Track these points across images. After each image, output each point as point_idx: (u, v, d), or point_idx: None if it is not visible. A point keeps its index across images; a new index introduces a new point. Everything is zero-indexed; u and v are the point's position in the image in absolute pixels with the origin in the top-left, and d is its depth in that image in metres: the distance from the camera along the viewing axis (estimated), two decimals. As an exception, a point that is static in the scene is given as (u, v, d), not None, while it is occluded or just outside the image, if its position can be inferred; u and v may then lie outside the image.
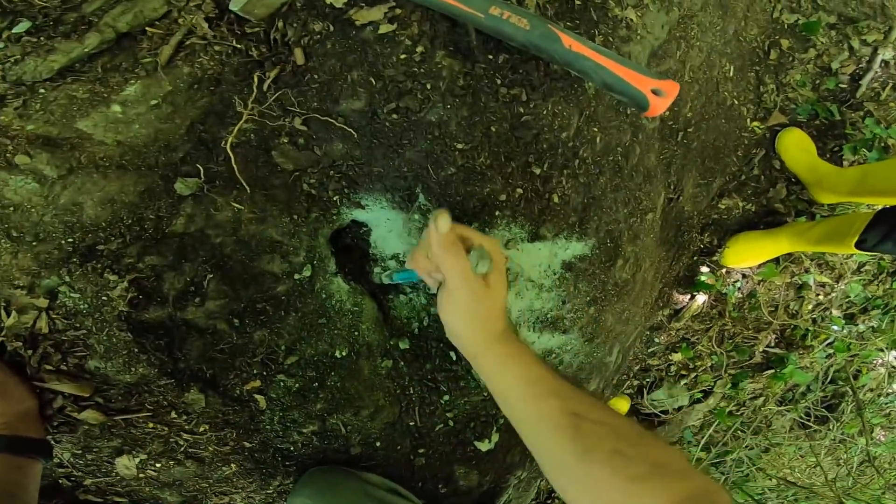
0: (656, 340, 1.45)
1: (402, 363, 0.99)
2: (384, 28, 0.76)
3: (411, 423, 1.02)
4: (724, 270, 1.40)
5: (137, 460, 0.92)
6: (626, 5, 0.79)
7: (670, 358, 1.49)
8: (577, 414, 0.57)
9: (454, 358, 0.98)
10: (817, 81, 1.29)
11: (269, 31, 0.78)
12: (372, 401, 0.97)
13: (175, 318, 0.83)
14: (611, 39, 0.80)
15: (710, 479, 0.55)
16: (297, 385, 0.93)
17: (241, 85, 0.79)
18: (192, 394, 0.88)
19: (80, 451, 0.89)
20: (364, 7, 0.76)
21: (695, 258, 1.38)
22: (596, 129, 0.84)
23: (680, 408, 1.52)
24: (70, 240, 0.74)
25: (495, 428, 1.08)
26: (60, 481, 0.93)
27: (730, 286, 1.42)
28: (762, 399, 1.58)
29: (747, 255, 1.40)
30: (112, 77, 0.69)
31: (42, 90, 0.69)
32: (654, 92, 0.66)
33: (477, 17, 0.70)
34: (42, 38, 0.69)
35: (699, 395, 1.55)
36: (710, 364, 1.49)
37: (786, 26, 1.27)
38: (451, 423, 1.04)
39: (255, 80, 0.79)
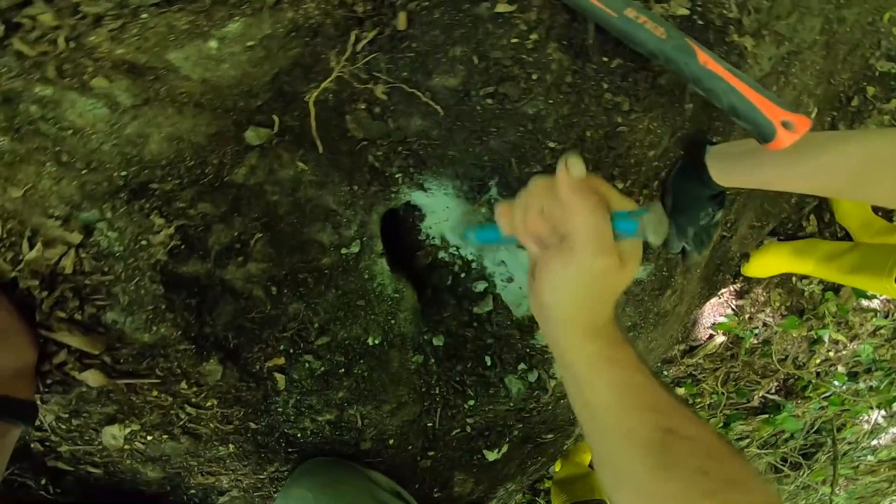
0: (665, 373, 1.50)
1: (434, 360, 0.97)
2: (502, 7, 0.74)
3: (429, 424, 1.01)
4: (746, 316, 1.46)
5: (128, 431, 0.86)
6: (744, 33, 0.81)
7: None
8: (671, 430, 0.52)
9: (489, 363, 0.98)
10: (887, 133, 1.34)
11: (377, -13, 0.75)
12: (396, 396, 0.95)
13: (213, 276, 0.79)
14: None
15: (775, 494, 0.54)
16: (322, 368, 0.89)
17: (337, 41, 0.76)
18: (210, 364, 0.83)
19: (66, 415, 0.82)
20: (489, -19, 0.74)
21: (721, 298, 1.44)
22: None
23: (670, 440, 1.56)
24: (124, 173, 0.68)
25: (508, 439, 1.09)
26: (32, 445, 0.86)
27: (748, 331, 1.49)
28: (747, 441, 1.67)
29: (770, 268, 1.39)
30: (218, 11, 0.65)
31: (145, 15, 0.64)
32: (784, 124, 0.65)
33: (609, 16, 0.69)
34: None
35: (691, 430, 1.60)
36: (708, 402, 1.56)
37: (877, 73, 1.29)
38: (468, 429, 1.03)
39: (353, 37, 0.76)
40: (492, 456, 1.09)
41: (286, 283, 0.84)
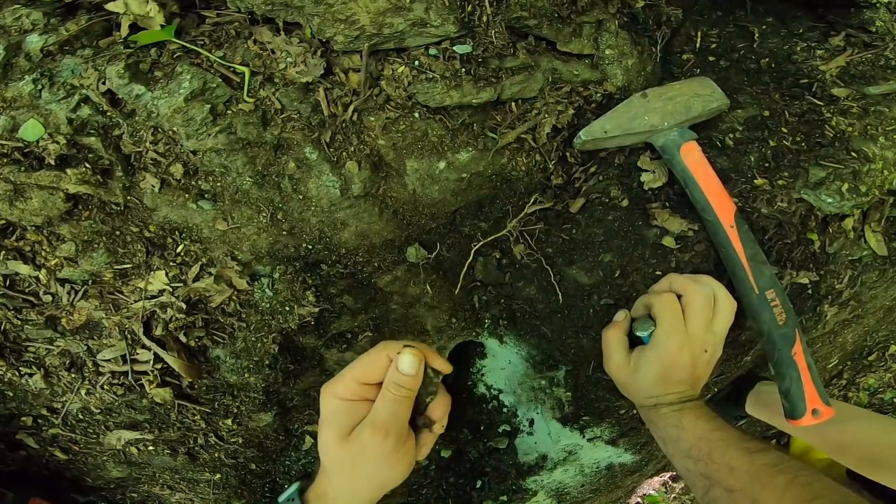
0: (589, 529, 1.78)
1: (434, 467, 1.13)
2: (667, 241, 0.83)
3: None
4: (672, 495, 1.79)
5: (134, 436, 0.90)
6: (835, 303, 0.92)
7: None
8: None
9: (478, 485, 1.16)
10: (879, 389, 1.48)
11: (577, 167, 0.89)
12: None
13: (317, 351, 0.90)
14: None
15: None
16: (348, 447, 1.03)
17: (519, 197, 0.90)
18: (267, 414, 0.93)
19: (98, 410, 0.87)
20: (668, 210, 0.85)
21: (663, 478, 1.75)
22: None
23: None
24: (309, 247, 0.79)
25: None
26: (24, 419, 0.88)
27: (666, 504, 1.83)
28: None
29: None
30: (461, 135, 0.76)
31: (416, 114, 0.74)
32: (813, 411, 0.75)
33: (751, 289, 0.77)
34: (461, 68, 0.74)
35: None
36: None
37: (911, 334, 1.34)
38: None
39: (533, 199, 0.89)
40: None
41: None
